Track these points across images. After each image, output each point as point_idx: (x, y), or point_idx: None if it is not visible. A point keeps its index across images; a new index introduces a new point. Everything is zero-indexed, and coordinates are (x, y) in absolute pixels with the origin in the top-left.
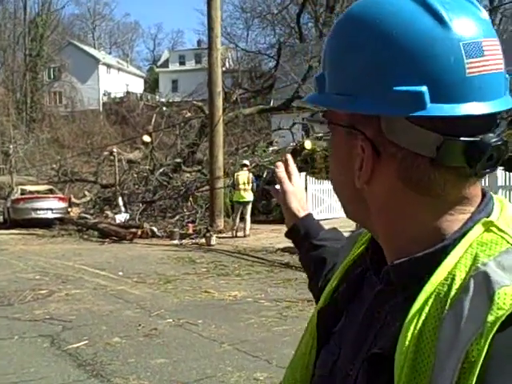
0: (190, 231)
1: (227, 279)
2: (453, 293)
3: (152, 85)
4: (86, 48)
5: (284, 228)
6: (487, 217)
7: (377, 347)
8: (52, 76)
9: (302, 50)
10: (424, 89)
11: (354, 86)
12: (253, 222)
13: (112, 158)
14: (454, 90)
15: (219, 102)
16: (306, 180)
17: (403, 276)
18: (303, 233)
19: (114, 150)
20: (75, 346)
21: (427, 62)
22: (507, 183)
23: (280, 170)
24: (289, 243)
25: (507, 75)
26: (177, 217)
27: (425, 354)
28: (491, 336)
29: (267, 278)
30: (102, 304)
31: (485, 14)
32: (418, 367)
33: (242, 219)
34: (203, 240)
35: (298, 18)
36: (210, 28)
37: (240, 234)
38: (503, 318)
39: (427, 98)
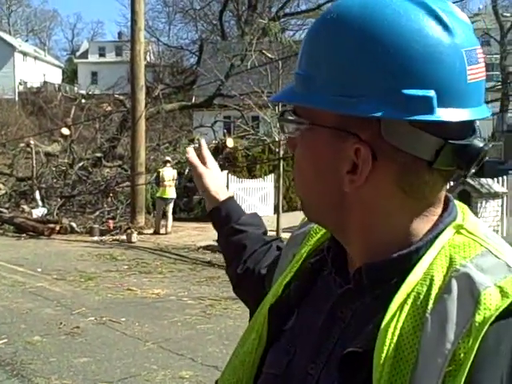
0: (111, 227)
1: (150, 277)
2: (433, 293)
3: (70, 76)
4: (1, 34)
5: (206, 226)
6: (454, 220)
7: (353, 345)
8: None
9: (224, 48)
10: (432, 93)
11: (358, 89)
12: (174, 219)
13: (29, 150)
14: (458, 96)
15: (141, 96)
16: (227, 178)
17: (376, 276)
18: (224, 216)
19: (31, 141)
20: None
21: (436, 67)
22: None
23: (190, 154)
24: (211, 241)
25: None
26: (97, 212)
27: (405, 352)
28: (481, 336)
29: (190, 276)
30: (21, 302)
31: (465, 16)
32: (398, 365)
33: (164, 216)
34: (124, 237)
35: (220, 15)
36: (133, 21)
37: (162, 231)
38: (492, 318)
39: (435, 102)
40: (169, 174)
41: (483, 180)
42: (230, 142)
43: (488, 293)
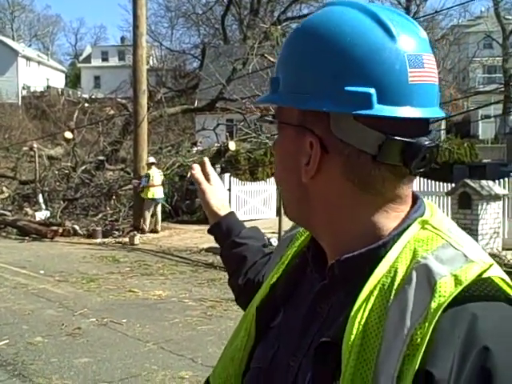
0: (113, 230)
1: (151, 278)
2: (396, 284)
3: (73, 80)
4: (5, 39)
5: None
6: (421, 216)
7: (325, 337)
8: None
9: (226, 52)
10: (372, 91)
11: (309, 86)
12: (176, 222)
13: (32, 153)
14: (397, 95)
15: (144, 100)
16: (230, 181)
17: (347, 271)
18: (225, 230)
19: (35, 145)
20: None
21: (376, 67)
22: (423, 189)
23: (195, 171)
24: (213, 243)
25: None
26: (99, 215)
27: (371, 341)
28: (435, 321)
29: (191, 278)
30: (23, 303)
31: (424, 33)
32: (364, 353)
33: (153, 216)
34: (126, 239)
35: (222, 19)
36: (135, 26)
37: (147, 229)
38: (445, 304)
39: (374, 99)
40: (156, 175)
41: (484, 182)
42: (232, 145)
43: (443, 281)
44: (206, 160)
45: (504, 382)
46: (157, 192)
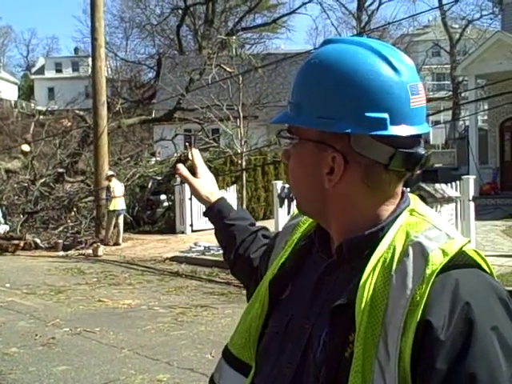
0: (75, 242)
1: (119, 288)
2: (396, 257)
3: (27, 92)
4: None
5: (170, 238)
6: (408, 206)
7: (339, 300)
8: None
9: (182, 62)
10: (386, 115)
11: (335, 112)
12: (138, 232)
13: None
14: (404, 117)
15: (104, 111)
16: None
17: (353, 249)
18: (216, 213)
19: None
20: None
21: (388, 97)
22: None
23: (181, 169)
24: (176, 253)
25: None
26: (60, 228)
27: (378, 301)
28: (430, 282)
29: (159, 287)
30: None
31: (410, 60)
32: (373, 311)
33: (115, 227)
34: (89, 251)
35: (177, 29)
36: (94, 38)
37: (110, 242)
38: (437, 270)
39: (388, 122)
40: (117, 186)
41: (437, 185)
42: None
43: (434, 253)
44: (196, 152)
45: (480, 325)
46: (118, 203)
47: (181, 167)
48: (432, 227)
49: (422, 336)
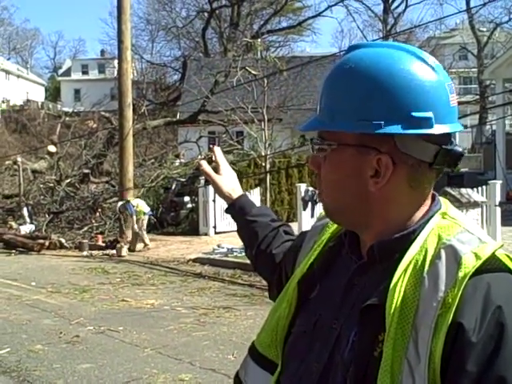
0: (100, 242)
1: (142, 288)
2: (428, 260)
3: (53, 93)
4: None
5: (193, 239)
6: (439, 209)
7: (370, 301)
8: None
9: (207, 64)
10: (431, 114)
11: (382, 114)
12: (162, 233)
13: (16, 167)
14: (446, 115)
15: (129, 113)
16: (214, 192)
17: (384, 251)
18: (238, 210)
19: (19, 159)
20: None
21: (432, 96)
22: None
23: (203, 166)
24: (199, 254)
25: None
26: (85, 228)
27: (409, 303)
28: (463, 285)
29: (182, 287)
30: (19, 313)
31: (435, 60)
32: (403, 312)
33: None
34: (113, 251)
35: (203, 32)
36: (120, 40)
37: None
38: (470, 274)
39: (433, 120)
40: (141, 203)
41: (463, 190)
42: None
43: (466, 257)
44: (217, 149)
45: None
46: (144, 207)
47: (204, 164)
48: (464, 231)
49: (453, 338)
